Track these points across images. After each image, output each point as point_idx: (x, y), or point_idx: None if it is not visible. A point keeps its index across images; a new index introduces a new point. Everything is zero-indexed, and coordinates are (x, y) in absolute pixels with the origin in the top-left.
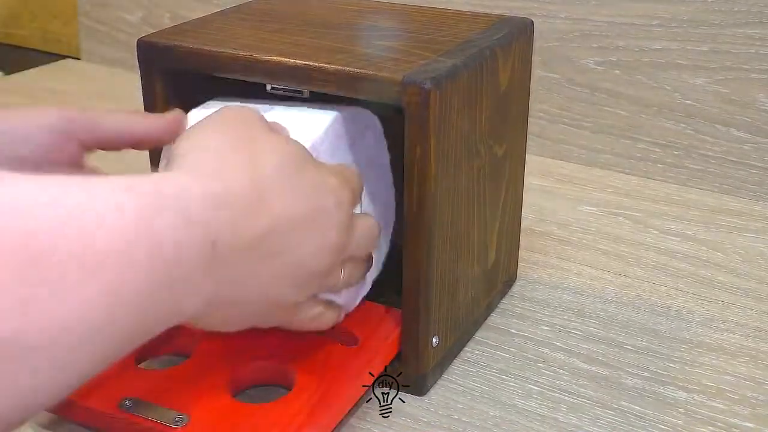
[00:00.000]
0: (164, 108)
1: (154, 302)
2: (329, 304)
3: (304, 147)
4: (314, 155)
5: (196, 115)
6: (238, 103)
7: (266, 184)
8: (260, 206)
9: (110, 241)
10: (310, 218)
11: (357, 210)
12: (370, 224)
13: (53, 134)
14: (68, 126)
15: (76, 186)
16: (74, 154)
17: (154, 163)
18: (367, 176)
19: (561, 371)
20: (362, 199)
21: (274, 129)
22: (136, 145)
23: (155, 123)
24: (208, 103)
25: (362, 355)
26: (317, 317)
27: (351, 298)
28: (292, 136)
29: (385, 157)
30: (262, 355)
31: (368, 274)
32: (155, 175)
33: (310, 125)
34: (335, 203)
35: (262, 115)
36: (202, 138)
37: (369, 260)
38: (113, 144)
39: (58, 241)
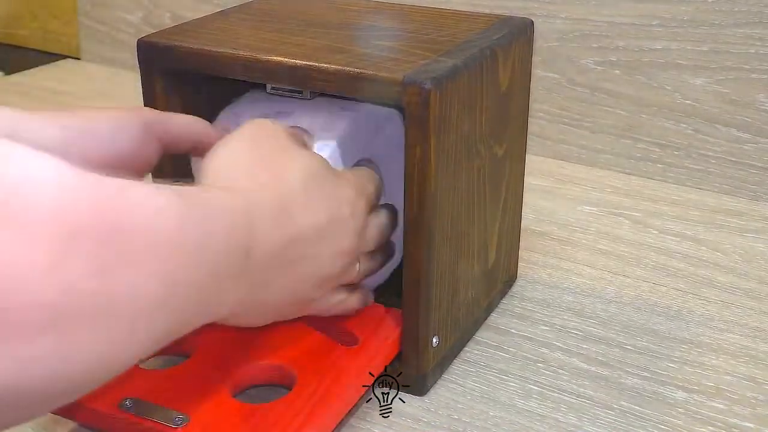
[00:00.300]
0: (164, 108)
1: (199, 295)
2: (352, 290)
3: (324, 160)
4: (333, 159)
5: (226, 115)
6: (258, 96)
7: (291, 198)
8: (285, 218)
9: (166, 233)
10: (327, 228)
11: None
12: (383, 220)
13: (137, 134)
14: (150, 123)
15: (139, 185)
16: (151, 157)
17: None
18: (388, 167)
19: (561, 371)
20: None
21: (299, 140)
22: (197, 149)
23: (211, 129)
24: (236, 102)
25: (362, 355)
26: (340, 303)
27: (378, 277)
28: (314, 142)
29: None
30: (262, 355)
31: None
32: (199, 186)
33: (329, 130)
34: (350, 213)
35: (287, 129)
36: (233, 156)
37: (385, 249)
38: (182, 146)
39: (127, 225)
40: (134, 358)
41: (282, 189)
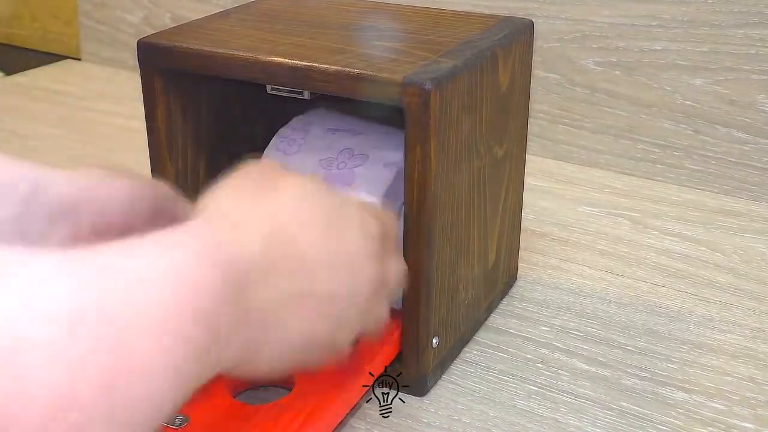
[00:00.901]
0: (164, 108)
1: (199, 353)
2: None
3: (321, 181)
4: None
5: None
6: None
7: (286, 219)
8: (285, 251)
9: (160, 300)
10: (337, 253)
11: None
12: (402, 264)
13: (148, 210)
14: (162, 203)
15: (126, 260)
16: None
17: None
18: None
19: (561, 372)
20: None
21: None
22: None
23: None
24: (289, 125)
25: (362, 356)
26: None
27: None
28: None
29: None
30: None
31: None
32: (182, 230)
33: (375, 183)
34: (359, 231)
35: (277, 164)
36: (221, 195)
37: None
38: None
39: (122, 307)
40: (166, 411)
41: (275, 211)
